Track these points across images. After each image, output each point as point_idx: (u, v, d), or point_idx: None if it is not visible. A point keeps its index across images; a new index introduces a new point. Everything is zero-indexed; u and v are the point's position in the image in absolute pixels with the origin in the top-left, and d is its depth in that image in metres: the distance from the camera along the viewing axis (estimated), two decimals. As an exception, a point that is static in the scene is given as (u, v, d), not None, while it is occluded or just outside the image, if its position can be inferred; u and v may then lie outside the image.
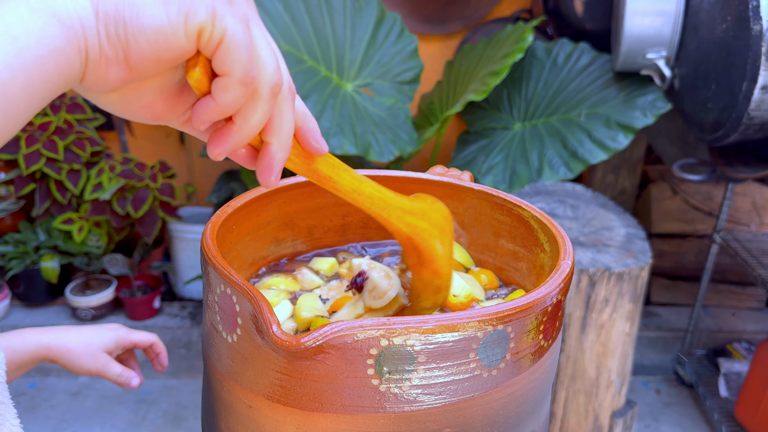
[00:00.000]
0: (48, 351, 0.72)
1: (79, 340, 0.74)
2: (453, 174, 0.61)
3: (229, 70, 0.29)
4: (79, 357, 0.74)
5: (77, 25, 0.27)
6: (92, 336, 0.76)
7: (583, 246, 1.42)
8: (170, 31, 0.28)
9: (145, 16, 0.28)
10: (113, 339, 0.78)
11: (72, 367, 0.74)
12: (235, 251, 0.54)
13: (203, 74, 0.30)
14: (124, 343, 0.79)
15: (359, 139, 1.62)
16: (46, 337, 0.73)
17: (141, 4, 0.28)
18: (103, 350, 0.76)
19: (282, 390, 0.38)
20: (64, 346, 0.73)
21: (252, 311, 0.38)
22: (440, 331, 0.37)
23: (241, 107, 0.31)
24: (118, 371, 0.77)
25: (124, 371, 0.78)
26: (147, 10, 0.28)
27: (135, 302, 2.17)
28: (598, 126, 1.72)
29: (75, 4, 0.27)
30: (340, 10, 1.78)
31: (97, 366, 0.75)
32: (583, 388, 1.45)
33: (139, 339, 0.81)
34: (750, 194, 2.25)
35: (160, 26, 0.28)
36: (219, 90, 0.30)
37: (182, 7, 0.28)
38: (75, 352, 0.74)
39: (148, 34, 0.28)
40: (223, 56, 0.29)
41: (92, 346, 0.75)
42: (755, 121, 1.38)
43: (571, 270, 0.45)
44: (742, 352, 2.13)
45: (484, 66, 1.83)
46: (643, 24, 1.60)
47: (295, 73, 1.66)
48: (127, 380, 0.78)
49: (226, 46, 0.29)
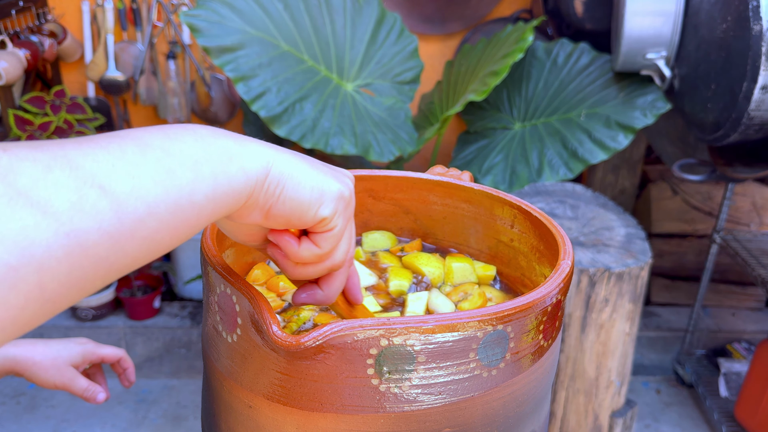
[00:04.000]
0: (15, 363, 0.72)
1: (46, 354, 0.74)
2: (453, 174, 0.61)
3: (320, 246, 0.39)
4: (45, 370, 0.74)
5: (254, 178, 0.35)
6: (59, 349, 0.76)
7: (583, 246, 1.42)
8: (307, 209, 0.37)
9: (298, 192, 0.36)
10: (80, 353, 0.77)
11: (38, 380, 0.74)
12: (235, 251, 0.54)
13: (299, 230, 0.39)
14: (92, 357, 0.79)
15: (359, 139, 1.62)
16: (14, 349, 0.73)
17: (299, 182, 0.36)
18: (70, 364, 0.76)
19: (282, 390, 0.38)
20: (30, 359, 0.73)
21: (252, 311, 0.38)
22: (440, 331, 0.37)
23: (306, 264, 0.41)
24: (84, 386, 0.77)
25: (90, 386, 0.77)
26: (301, 188, 0.37)
27: (135, 302, 2.17)
28: (598, 126, 1.72)
29: (258, 163, 0.35)
30: (340, 10, 1.78)
31: (63, 380, 0.75)
32: (582, 388, 1.45)
33: (107, 354, 0.81)
34: (750, 194, 2.25)
35: (302, 202, 0.37)
36: (305, 250, 0.39)
37: (321, 197, 0.37)
38: (41, 365, 0.73)
39: (294, 203, 0.36)
40: (323, 238, 0.39)
41: (59, 359, 0.75)
42: (755, 121, 1.38)
43: (571, 270, 0.45)
44: (742, 352, 2.13)
45: (484, 66, 1.83)
46: (643, 24, 1.60)
47: (295, 73, 1.66)
48: (93, 395, 0.77)
49: (329, 234, 0.39)
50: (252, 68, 1.58)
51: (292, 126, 1.58)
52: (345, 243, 0.41)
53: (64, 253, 0.26)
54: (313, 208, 0.37)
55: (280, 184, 0.36)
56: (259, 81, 1.57)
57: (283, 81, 1.61)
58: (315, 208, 0.37)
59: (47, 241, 0.25)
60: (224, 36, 1.57)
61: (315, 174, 0.37)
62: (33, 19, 2.07)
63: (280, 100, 1.58)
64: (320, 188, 0.37)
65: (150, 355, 2.20)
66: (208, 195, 0.33)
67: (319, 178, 0.37)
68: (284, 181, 0.36)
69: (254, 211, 0.36)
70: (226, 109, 2.31)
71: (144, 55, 2.17)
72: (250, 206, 0.36)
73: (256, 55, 1.60)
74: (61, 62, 2.28)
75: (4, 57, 1.84)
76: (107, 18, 2.14)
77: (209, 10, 1.58)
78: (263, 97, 1.57)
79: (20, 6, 1.99)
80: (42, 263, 0.25)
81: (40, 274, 0.25)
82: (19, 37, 1.99)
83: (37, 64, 2.00)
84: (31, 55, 1.94)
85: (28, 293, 0.25)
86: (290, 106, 1.59)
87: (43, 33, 2.09)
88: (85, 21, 2.18)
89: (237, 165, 0.34)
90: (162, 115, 2.29)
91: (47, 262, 0.25)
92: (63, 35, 2.15)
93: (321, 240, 0.39)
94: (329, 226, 0.38)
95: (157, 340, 2.19)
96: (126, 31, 2.20)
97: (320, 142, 1.58)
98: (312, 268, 0.40)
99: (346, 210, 0.39)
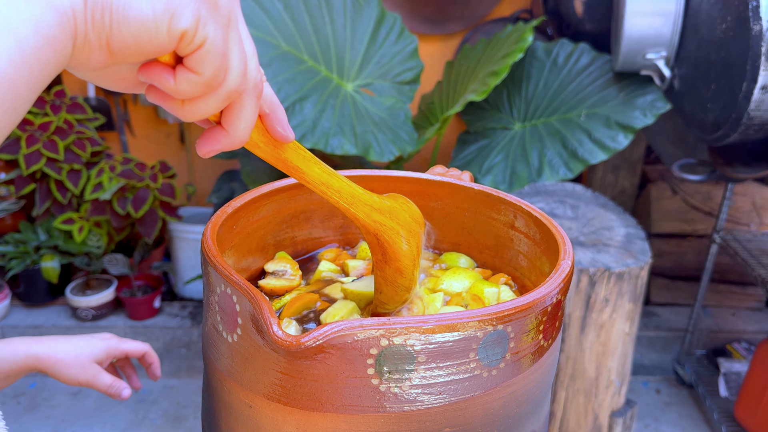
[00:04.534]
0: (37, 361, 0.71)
1: (69, 351, 0.73)
2: (453, 174, 0.61)
3: (199, 72, 0.31)
4: (68, 368, 0.73)
5: (69, 12, 0.27)
6: (82, 346, 0.74)
7: (583, 246, 1.42)
8: (153, 28, 0.28)
9: (131, 9, 0.28)
10: (103, 349, 0.76)
11: (61, 377, 0.73)
12: (235, 251, 0.54)
13: (171, 58, 0.31)
14: (115, 353, 0.78)
15: (359, 139, 1.62)
16: (36, 347, 0.72)
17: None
18: (93, 361, 0.75)
19: (282, 390, 0.38)
20: (53, 357, 0.72)
21: (252, 311, 0.38)
22: (440, 331, 0.37)
23: (193, 99, 0.33)
24: (108, 382, 0.75)
25: (115, 382, 0.76)
26: (134, 2, 0.28)
27: (135, 302, 2.17)
28: (598, 126, 1.72)
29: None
30: (340, 10, 1.78)
31: (87, 377, 0.74)
32: (582, 388, 1.45)
33: (131, 348, 0.79)
34: (750, 194, 2.25)
35: (144, 21, 0.28)
36: (183, 81, 0.31)
37: (169, 6, 0.28)
38: (64, 362, 0.72)
39: (132, 26, 0.28)
40: (197, 59, 0.30)
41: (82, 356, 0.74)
42: (755, 121, 1.38)
43: (571, 270, 0.45)
44: (741, 352, 2.14)
45: (484, 66, 1.83)
46: (643, 24, 1.60)
47: (295, 73, 1.66)
48: (117, 391, 0.76)
49: (203, 52, 0.30)
50: (252, 68, 1.58)
51: (292, 126, 1.58)
52: (236, 59, 0.32)
53: None
54: (163, 23, 0.28)
55: (106, 6, 0.28)
56: (259, 81, 1.57)
57: (283, 81, 1.61)
58: (165, 21, 0.28)
59: None
60: (224, 36, 1.57)
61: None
62: None
63: (280, 100, 1.58)
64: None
65: (150, 355, 2.20)
66: (13, 58, 0.25)
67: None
68: (110, 0, 0.28)
69: (91, 52, 0.29)
70: (226, 109, 2.30)
71: (144, 55, 2.17)
72: (81, 48, 0.29)
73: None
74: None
75: None
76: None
77: (209, 10, 1.58)
78: (263, 97, 1.57)
79: None
80: None
81: None
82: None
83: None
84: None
85: None
86: (290, 106, 1.59)
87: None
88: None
89: (40, 2, 0.26)
90: (162, 115, 2.29)
91: None
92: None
93: (196, 63, 0.30)
94: (197, 41, 0.29)
95: (157, 340, 2.19)
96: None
97: (320, 142, 1.58)
98: (205, 104, 0.32)
99: (215, 13, 0.30)
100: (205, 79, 0.31)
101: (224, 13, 0.31)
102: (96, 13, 0.28)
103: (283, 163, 0.39)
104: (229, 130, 0.35)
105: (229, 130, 0.35)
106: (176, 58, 0.31)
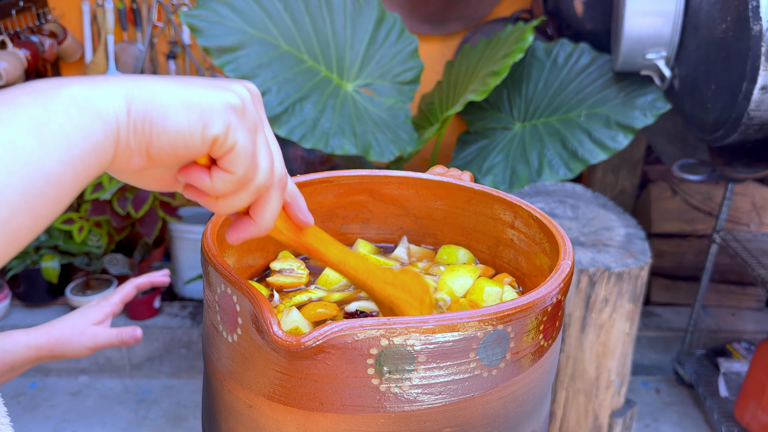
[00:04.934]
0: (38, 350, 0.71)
1: (64, 327, 0.73)
2: (453, 174, 0.61)
3: (232, 171, 0.34)
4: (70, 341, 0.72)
5: (113, 122, 0.30)
6: (75, 318, 0.74)
7: (583, 246, 1.42)
8: (189, 136, 0.32)
9: (169, 120, 0.31)
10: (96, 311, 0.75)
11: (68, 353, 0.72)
12: (235, 251, 0.54)
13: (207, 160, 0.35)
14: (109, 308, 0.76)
15: (359, 139, 1.62)
16: (34, 335, 0.71)
17: (167, 107, 0.31)
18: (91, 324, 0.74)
19: (282, 390, 0.38)
20: (52, 338, 0.72)
21: (252, 311, 0.38)
22: (440, 331, 0.37)
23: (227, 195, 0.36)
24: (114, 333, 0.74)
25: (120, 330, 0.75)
26: (171, 114, 0.31)
27: (135, 302, 2.17)
28: (598, 126, 1.72)
29: (113, 102, 0.30)
30: (340, 10, 1.78)
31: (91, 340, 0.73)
32: (582, 388, 1.45)
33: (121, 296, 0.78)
34: (750, 194, 2.25)
35: (181, 130, 0.32)
36: (218, 180, 0.34)
37: (202, 116, 0.32)
38: (64, 338, 0.72)
39: (170, 135, 0.32)
40: (230, 161, 0.34)
41: (77, 326, 0.73)
42: (755, 121, 1.38)
43: (571, 270, 0.45)
44: (741, 352, 2.14)
45: (484, 66, 1.83)
46: (643, 24, 1.60)
47: (295, 73, 1.66)
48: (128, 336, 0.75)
49: (234, 155, 0.33)
50: (252, 68, 1.58)
51: (292, 126, 1.58)
52: (263, 159, 0.35)
53: None
54: (197, 131, 0.32)
55: (147, 118, 0.31)
56: (259, 81, 1.57)
57: (283, 81, 1.61)
58: (199, 129, 0.32)
59: None
60: (224, 36, 1.57)
61: (188, 92, 0.32)
62: (33, 19, 2.07)
63: (280, 100, 1.58)
64: (197, 106, 0.32)
65: (150, 355, 2.20)
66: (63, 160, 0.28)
67: (193, 96, 0.32)
68: (150, 112, 0.31)
69: (132, 157, 0.32)
70: (226, 109, 2.31)
71: (144, 55, 2.17)
72: (124, 154, 0.32)
73: (256, 56, 1.60)
74: (62, 62, 2.28)
75: (4, 57, 1.84)
76: (107, 18, 2.14)
77: (209, 10, 1.58)
78: (263, 98, 1.57)
79: (20, 6, 1.99)
80: None
81: None
82: (19, 37, 1.99)
83: (37, 64, 2.00)
84: (32, 55, 1.94)
85: None
86: (290, 107, 1.59)
87: (43, 33, 2.09)
88: (85, 21, 2.18)
89: (90, 113, 0.29)
90: (162, 115, 2.29)
91: None
92: (63, 35, 2.15)
93: (229, 163, 0.34)
94: (228, 145, 0.33)
95: (157, 340, 2.19)
96: (126, 31, 2.20)
97: (320, 143, 1.58)
98: (237, 198, 0.36)
99: (243, 120, 0.34)
100: (238, 177, 0.34)
101: (251, 119, 0.34)
102: (137, 124, 0.31)
103: (304, 246, 0.42)
104: (257, 220, 0.38)
105: (256, 220, 0.38)
106: (211, 160, 0.34)
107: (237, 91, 0.34)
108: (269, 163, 0.36)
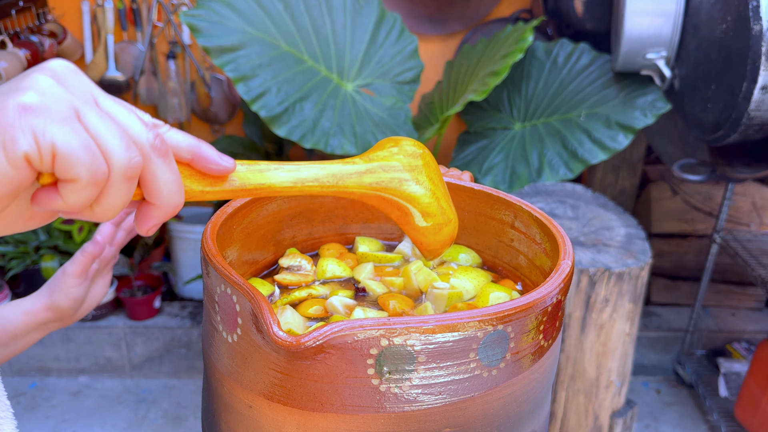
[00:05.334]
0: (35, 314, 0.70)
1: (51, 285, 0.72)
2: (453, 174, 0.61)
3: (74, 177, 0.28)
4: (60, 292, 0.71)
5: None
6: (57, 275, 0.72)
7: (583, 246, 1.42)
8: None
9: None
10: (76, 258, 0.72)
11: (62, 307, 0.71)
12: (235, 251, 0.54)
13: (50, 177, 0.29)
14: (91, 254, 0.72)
15: (359, 139, 1.62)
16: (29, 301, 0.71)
17: None
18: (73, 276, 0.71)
19: (282, 390, 0.38)
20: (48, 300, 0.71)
21: (252, 311, 0.38)
22: (440, 331, 0.37)
23: (98, 200, 0.30)
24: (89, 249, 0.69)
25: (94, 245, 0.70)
26: None
27: (135, 302, 2.17)
28: (598, 126, 1.72)
29: None
30: (340, 10, 1.78)
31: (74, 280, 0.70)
32: (583, 388, 1.45)
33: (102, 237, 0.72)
34: (750, 194, 2.25)
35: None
36: (69, 194, 0.28)
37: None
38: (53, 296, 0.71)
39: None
40: (63, 169, 0.27)
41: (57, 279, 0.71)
42: (755, 121, 1.38)
43: (571, 270, 0.45)
44: (741, 352, 2.13)
45: (484, 66, 1.83)
46: (643, 24, 1.60)
47: (295, 73, 1.66)
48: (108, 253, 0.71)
49: (62, 160, 0.27)
50: (252, 68, 1.58)
51: (292, 126, 1.58)
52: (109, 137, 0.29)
53: None
54: (1, 158, 0.26)
55: None
56: (259, 81, 1.57)
57: (283, 81, 1.61)
58: (1, 155, 0.26)
59: None
60: (224, 36, 1.57)
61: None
62: (33, 19, 2.07)
63: (280, 100, 1.58)
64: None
65: (150, 355, 2.20)
66: None
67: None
68: None
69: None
70: (226, 110, 2.31)
71: (144, 55, 2.18)
72: None
73: (256, 55, 1.60)
74: (61, 62, 2.28)
75: (4, 57, 1.84)
76: (107, 18, 2.14)
77: (209, 10, 1.58)
78: (263, 97, 1.57)
79: (20, 6, 1.99)
80: None
81: None
82: (19, 37, 1.99)
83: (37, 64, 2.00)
84: (31, 55, 1.94)
85: None
86: (290, 106, 1.59)
87: (43, 33, 2.09)
88: (85, 21, 2.18)
89: None
90: (162, 114, 2.29)
91: None
92: (63, 35, 2.15)
93: (65, 171, 0.28)
94: (47, 154, 0.27)
95: (157, 340, 2.19)
96: (126, 31, 2.20)
97: (320, 142, 1.58)
98: (109, 197, 0.30)
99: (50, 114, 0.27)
100: (86, 180, 0.28)
101: (62, 106, 0.28)
102: None
103: (243, 191, 0.37)
104: (156, 202, 0.32)
105: (156, 203, 0.32)
106: (53, 175, 0.28)
107: (28, 85, 0.28)
108: (121, 139, 0.29)
